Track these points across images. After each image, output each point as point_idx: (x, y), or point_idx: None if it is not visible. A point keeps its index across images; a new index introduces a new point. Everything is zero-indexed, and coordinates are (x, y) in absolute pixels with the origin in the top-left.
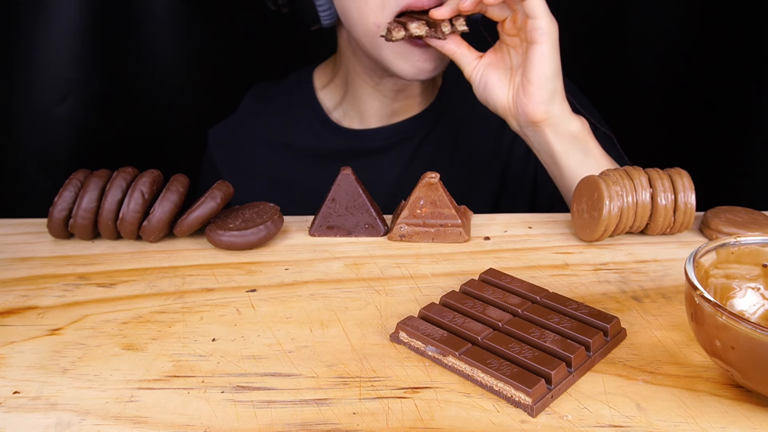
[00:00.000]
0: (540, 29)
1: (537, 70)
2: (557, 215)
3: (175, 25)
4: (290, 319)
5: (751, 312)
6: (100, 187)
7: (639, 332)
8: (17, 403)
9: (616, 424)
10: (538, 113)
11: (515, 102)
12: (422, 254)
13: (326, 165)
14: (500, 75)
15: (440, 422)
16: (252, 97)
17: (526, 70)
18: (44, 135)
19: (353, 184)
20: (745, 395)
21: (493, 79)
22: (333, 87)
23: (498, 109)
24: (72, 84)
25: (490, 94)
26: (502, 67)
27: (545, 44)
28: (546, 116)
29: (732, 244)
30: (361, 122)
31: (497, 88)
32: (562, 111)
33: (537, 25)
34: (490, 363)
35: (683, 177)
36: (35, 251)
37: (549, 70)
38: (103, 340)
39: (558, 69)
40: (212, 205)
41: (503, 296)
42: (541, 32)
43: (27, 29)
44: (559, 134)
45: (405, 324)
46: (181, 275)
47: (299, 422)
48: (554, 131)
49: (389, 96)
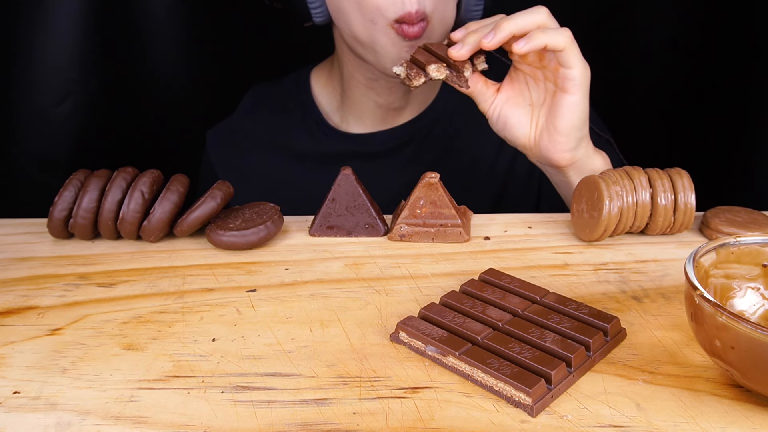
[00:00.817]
0: (573, 80)
1: (566, 121)
2: (557, 215)
3: (175, 26)
4: (290, 319)
5: (751, 312)
6: (100, 187)
7: (639, 332)
8: (17, 403)
9: (616, 424)
10: (563, 161)
11: (537, 143)
12: (422, 254)
13: (324, 167)
14: (521, 113)
15: (440, 422)
16: (250, 98)
17: (553, 119)
18: (44, 135)
19: (353, 184)
20: (745, 395)
21: (513, 119)
22: (330, 88)
23: (517, 146)
24: (72, 84)
25: (510, 132)
26: (522, 103)
27: (577, 95)
28: (572, 161)
29: (732, 244)
30: (358, 125)
31: (518, 128)
32: (587, 153)
33: (571, 75)
34: (490, 363)
35: (683, 177)
36: (35, 251)
37: (578, 119)
38: (103, 340)
39: (587, 115)
40: (212, 205)
41: (503, 296)
42: (574, 83)
43: (27, 29)
44: (582, 174)
45: (405, 324)
46: (181, 275)
47: (299, 422)
48: (577, 173)
49: (383, 96)
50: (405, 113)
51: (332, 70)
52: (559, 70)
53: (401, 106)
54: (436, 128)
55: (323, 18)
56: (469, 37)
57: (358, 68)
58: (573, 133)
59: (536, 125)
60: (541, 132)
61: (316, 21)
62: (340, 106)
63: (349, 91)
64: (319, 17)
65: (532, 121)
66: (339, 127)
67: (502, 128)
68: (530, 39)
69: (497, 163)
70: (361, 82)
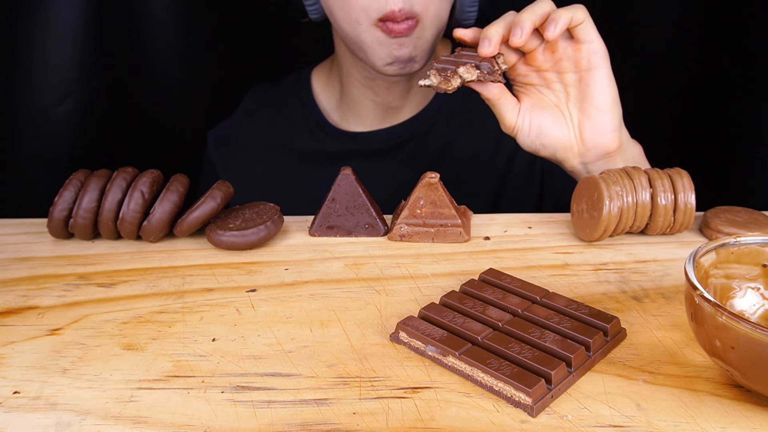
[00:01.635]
0: (598, 52)
1: (604, 96)
2: (557, 215)
3: (175, 26)
4: (290, 319)
5: (751, 312)
6: (100, 187)
7: (639, 332)
8: (17, 403)
9: (616, 424)
10: (614, 142)
11: (582, 136)
12: (422, 254)
13: (325, 166)
14: (553, 116)
15: (440, 422)
16: (251, 99)
17: (592, 100)
18: (44, 135)
19: (353, 184)
20: (745, 395)
21: (547, 121)
22: (330, 87)
23: (558, 151)
24: (72, 84)
25: (548, 138)
26: (549, 105)
27: (605, 68)
28: (620, 143)
29: (732, 244)
30: (358, 123)
31: (555, 131)
32: (628, 137)
33: (594, 49)
34: (490, 363)
35: (683, 177)
36: (35, 251)
37: (614, 92)
38: (103, 340)
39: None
40: (212, 205)
41: (503, 296)
42: (599, 56)
43: (27, 30)
44: (627, 161)
45: (405, 324)
46: (181, 275)
47: (299, 422)
48: (624, 159)
49: (381, 95)
50: (404, 112)
51: (332, 69)
52: (581, 49)
53: (400, 105)
54: (435, 126)
55: (318, 15)
56: (489, 32)
57: (355, 66)
58: (614, 108)
59: (572, 119)
60: (581, 122)
61: (312, 17)
62: (339, 105)
63: (348, 89)
64: (315, 14)
65: (566, 118)
66: (339, 125)
67: (537, 136)
68: (556, 21)
69: (496, 161)
70: (359, 81)
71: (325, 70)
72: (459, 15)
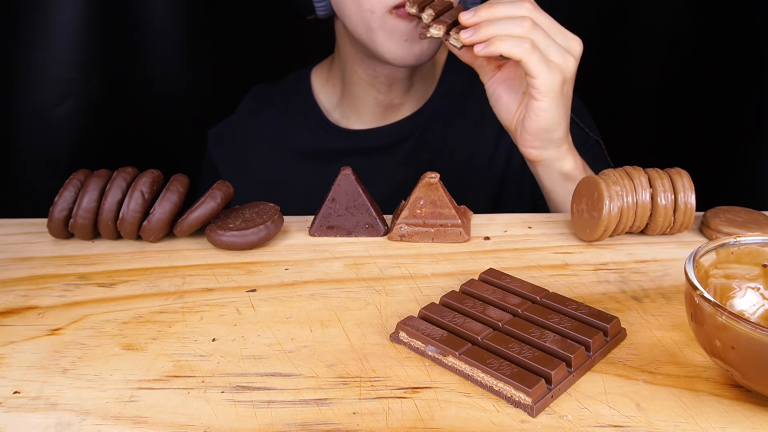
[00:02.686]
0: (536, 88)
1: (533, 122)
2: (557, 215)
3: (175, 26)
4: (290, 319)
5: (751, 312)
6: (100, 187)
7: (639, 332)
8: (17, 403)
9: (616, 424)
10: (530, 155)
11: (514, 132)
12: (422, 254)
13: (325, 165)
14: (511, 98)
15: (440, 422)
16: (251, 98)
17: (523, 117)
18: (44, 135)
19: (353, 184)
20: (745, 395)
21: (503, 100)
22: (330, 86)
23: (503, 124)
24: (72, 84)
25: (498, 111)
26: (516, 88)
27: (543, 101)
28: (539, 159)
29: (732, 244)
30: (359, 121)
31: (504, 111)
32: (557, 154)
33: (533, 84)
34: (490, 363)
35: (683, 177)
36: (35, 251)
37: (546, 123)
38: (103, 340)
39: (560, 118)
40: (212, 205)
41: (503, 296)
42: (537, 91)
43: (27, 30)
44: (550, 173)
45: (405, 324)
46: (181, 275)
47: (299, 422)
48: (545, 170)
49: (383, 93)
50: (404, 109)
51: (332, 67)
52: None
53: (401, 103)
54: (435, 124)
55: (326, 11)
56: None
57: (359, 63)
58: (540, 134)
59: (518, 115)
60: (517, 124)
61: (319, 14)
62: (340, 103)
63: (349, 87)
64: (322, 11)
65: (518, 110)
66: (339, 124)
67: (493, 104)
68: (489, 44)
69: (495, 158)
70: (362, 78)
71: (324, 69)
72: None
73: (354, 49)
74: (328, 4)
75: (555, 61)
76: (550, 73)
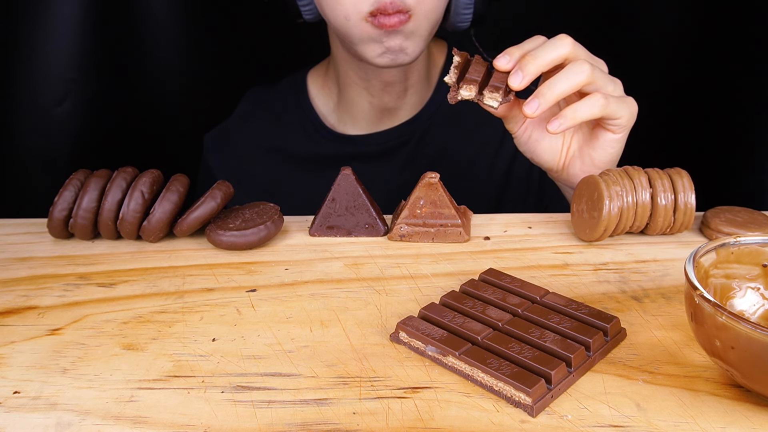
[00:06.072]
0: (619, 125)
1: (606, 155)
2: (557, 215)
3: (175, 27)
4: (290, 319)
5: (751, 312)
6: (100, 187)
7: (639, 332)
8: (17, 403)
9: (616, 424)
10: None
11: (567, 168)
12: (422, 254)
13: (322, 169)
14: (554, 138)
15: (440, 422)
16: (247, 102)
17: (591, 150)
18: (44, 135)
19: (353, 184)
20: (745, 395)
21: (544, 143)
22: (326, 90)
23: (541, 166)
24: (72, 84)
25: (538, 155)
26: None
27: (621, 134)
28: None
29: (732, 244)
30: (355, 126)
31: (548, 153)
32: None
33: (616, 123)
34: (490, 363)
35: (683, 177)
36: (35, 251)
37: (617, 154)
38: (103, 340)
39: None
40: (212, 205)
41: (503, 296)
42: (619, 127)
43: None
44: None
45: (405, 324)
46: (181, 275)
47: (299, 422)
48: None
49: (377, 96)
50: (400, 114)
51: (328, 71)
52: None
53: (396, 107)
54: (432, 129)
55: (312, 15)
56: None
57: (351, 66)
58: (608, 165)
59: (567, 150)
60: (573, 158)
61: (306, 18)
62: (336, 108)
63: (344, 91)
64: (309, 14)
65: (563, 147)
66: (335, 128)
67: (530, 150)
68: (563, 119)
69: (495, 166)
70: (355, 82)
71: (321, 72)
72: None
73: (345, 53)
74: (314, 9)
75: (618, 93)
76: (628, 108)
